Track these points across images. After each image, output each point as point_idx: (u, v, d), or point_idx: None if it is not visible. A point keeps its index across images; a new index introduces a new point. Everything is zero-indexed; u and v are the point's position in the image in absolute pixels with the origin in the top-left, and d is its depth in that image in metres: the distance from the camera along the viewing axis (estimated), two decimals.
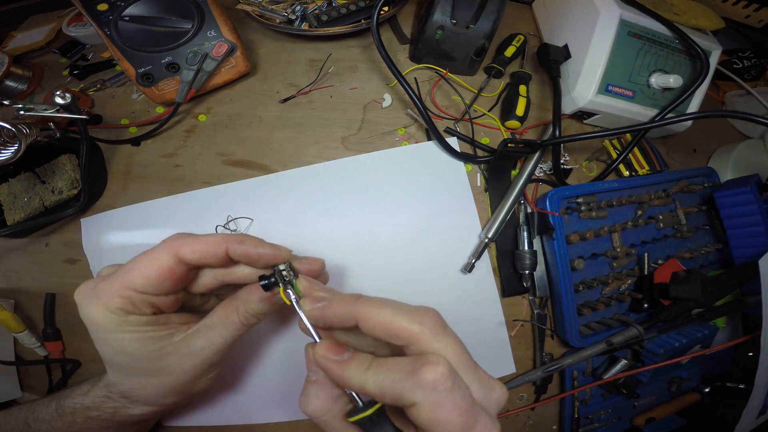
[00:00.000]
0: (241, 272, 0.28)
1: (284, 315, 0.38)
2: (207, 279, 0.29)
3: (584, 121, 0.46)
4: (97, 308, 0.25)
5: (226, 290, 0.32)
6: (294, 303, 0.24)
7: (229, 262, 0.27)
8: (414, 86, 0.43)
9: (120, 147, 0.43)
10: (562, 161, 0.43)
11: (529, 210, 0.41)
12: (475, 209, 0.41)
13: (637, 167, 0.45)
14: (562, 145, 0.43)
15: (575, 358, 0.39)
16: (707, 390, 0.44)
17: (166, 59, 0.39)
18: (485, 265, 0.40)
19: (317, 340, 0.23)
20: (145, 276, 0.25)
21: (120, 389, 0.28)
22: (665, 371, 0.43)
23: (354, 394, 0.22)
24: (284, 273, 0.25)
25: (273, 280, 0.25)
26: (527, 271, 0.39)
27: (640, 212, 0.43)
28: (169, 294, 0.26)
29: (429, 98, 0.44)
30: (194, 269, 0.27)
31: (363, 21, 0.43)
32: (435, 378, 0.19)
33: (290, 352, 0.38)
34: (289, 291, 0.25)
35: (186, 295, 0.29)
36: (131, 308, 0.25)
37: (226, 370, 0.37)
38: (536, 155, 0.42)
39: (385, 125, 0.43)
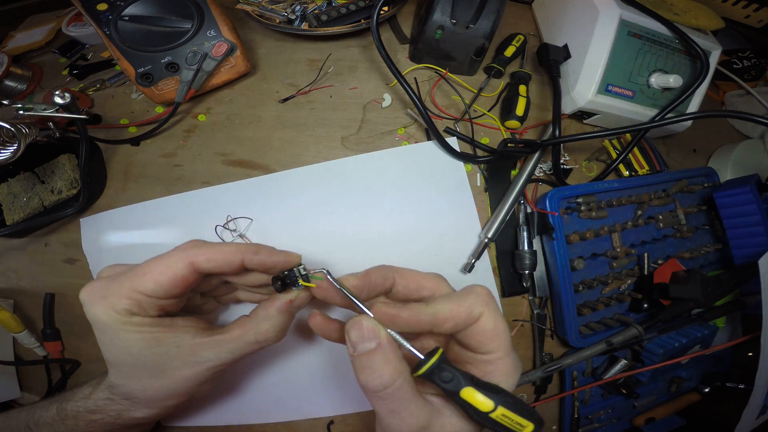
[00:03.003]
0: (247, 275, 0.29)
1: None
2: (212, 279, 0.29)
3: (584, 121, 0.46)
4: (103, 308, 0.25)
5: (223, 292, 0.32)
6: (332, 279, 0.25)
7: (242, 270, 0.27)
8: (414, 86, 0.43)
9: (119, 147, 0.43)
10: (562, 161, 0.43)
11: (528, 210, 0.41)
12: (474, 209, 0.41)
13: (636, 167, 0.45)
14: (561, 145, 0.43)
15: (575, 358, 0.39)
16: (707, 390, 0.44)
17: (166, 59, 0.39)
18: (485, 265, 0.40)
19: (366, 309, 0.23)
20: (158, 282, 0.25)
21: (122, 391, 0.28)
22: (665, 371, 0.43)
23: (413, 349, 0.22)
24: (301, 270, 0.27)
25: (288, 281, 0.27)
26: (527, 271, 0.39)
27: (639, 212, 0.43)
28: (177, 297, 0.27)
29: (429, 98, 0.44)
30: (206, 276, 0.28)
31: (363, 21, 0.43)
32: (487, 291, 0.24)
33: (289, 354, 0.38)
34: (325, 270, 0.25)
35: (189, 294, 0.29)
36: (138, 310, 0.25)
37: (227, 373, 0.37)
38: (536, 155, 0.42)
39: (384, 125, 0.43)
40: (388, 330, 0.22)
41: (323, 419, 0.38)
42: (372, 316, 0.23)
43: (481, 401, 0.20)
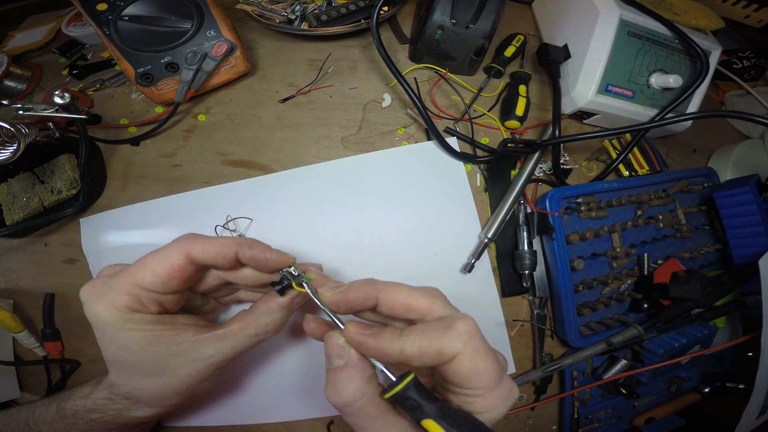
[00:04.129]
0: (245, 274, 0.29)
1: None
2: (210, 278, 0.29)
3: (584, 121, 0.46)
4: (104, 306, 0.25)
5: (224, 293, 0.32)
6: (310, 293, 0.25)
7: (237, 264, 0.27)
8: (414, 86, 0.43)
9: (119, 147, 0.43)
10: (561, 161, 0.43)
11: (528, 210, 0.41)
12: (474, 209, 0.41)
13: (636, 167, 0.45)
14: (561, 145, 0.43)
15: (575, 359, 0.39)
16: (707, 390, 0.44)
17: (166, 59, 0.39)
18: (485, 265, 0.40)
19: (341, 326, 0.23)
20: (156, 274, 0.25)
21: (122, 390, 0.28)
22: (665, 371, 0.43)
23: (386, 371, 0.22)
24: (293, 272, 0.27)
25: (286, 283, 0.26)
26: (527, 271, 0.39)
27: (639, 212, 0.43)
28: (175, 293, 0.27)
29: (429, 98, 0.44)
30: (202, 269, 0.28)
31: (363, 21, 0.43)
32: (469, 328, 0.21)
33: (289, 354, 0.38)
34: (305, 283, 0.25)
35: (188, 294, 0.29)
36: (138, 306, 0.25)
37: (226, 372, 0.37)
38: (536, 155, 0.42)
39: (384, 125, 0.43)
40: None
41: (323, 419, 0.38)
42: (352, 324, 0.23)
43: None
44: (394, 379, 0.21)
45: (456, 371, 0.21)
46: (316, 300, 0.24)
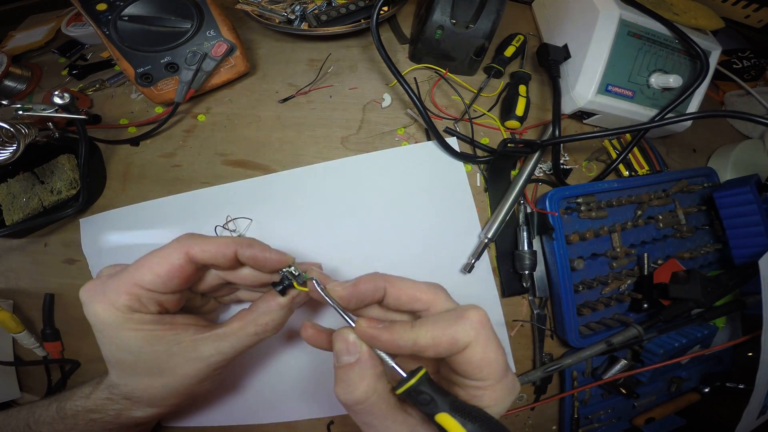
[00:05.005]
0: (245, 273, 0.29)
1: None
2: (210, 278, 0.29)
3: (584, 121, 0.46)
4: (103, 306, 0.25)
5: (224, 293, 0.32)
6: (319, 289, 0.24)
7: (236, 264, 0.27)
8: (413, 86, 0.43)
9: (119, 147, 0.43)
10: (561, 161, 0.43)
11: (528, 210, 0.41)
12: (474, 209, 0.41)
13: (636, 167, 0.45)
14: (561, 145, 0.43)
15: (575, 359, 0.39)
16: (707, 390, 0.44)
17: (165, 59, 0.39)
18: (485, 265, 0.40)
19: (351, 322, 0.23)
20: (155, 273, 0.25)
21: (123, 390, 0.28)
22: (665, 371, 0.43)
23: (396, 367, 0.22)
24: (293, 271, 0.27)
25: (287, 283, 0.27)
26: (527, 272, 0.39)
27: (639, 212, 0.43)
28: (175, 292, 0.27)
29: (429, 98, 0.44)
30: (202, 269, 0.28)
31: (362, 21, 0.43)
32: (481, 318, 0.22)
33: (289, 354, 0.38)
34: (314, 281, 0.25)
35: (188, 294, 0.29)
36: (138, 306, 0.25)
37: (226, 372, 0.37)
38: (536, 155, 0.42)
39: (384, 125, 0.43)
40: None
41: (323, 419, 0.38)
42: (363, 320, 0.23)
43: (454, 428, 0.20)
44: (404, 374, 0.21)
45: (468, 360, 0.21)
46: (325, 297, 0.24)
